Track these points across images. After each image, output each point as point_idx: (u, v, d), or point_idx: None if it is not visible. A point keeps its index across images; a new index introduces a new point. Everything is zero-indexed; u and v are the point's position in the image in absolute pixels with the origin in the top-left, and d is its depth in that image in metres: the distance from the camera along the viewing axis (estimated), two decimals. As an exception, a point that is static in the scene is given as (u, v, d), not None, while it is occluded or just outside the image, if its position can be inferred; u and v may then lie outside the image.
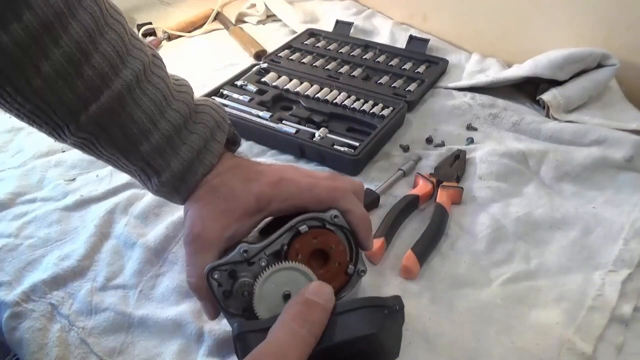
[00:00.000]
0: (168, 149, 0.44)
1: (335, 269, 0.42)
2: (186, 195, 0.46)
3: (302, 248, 0.42)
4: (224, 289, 0.41)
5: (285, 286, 0.40)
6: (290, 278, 0.40)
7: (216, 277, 0.41)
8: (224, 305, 0.41)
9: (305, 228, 0.42)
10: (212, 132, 0.46)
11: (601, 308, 0.50)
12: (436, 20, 0.99)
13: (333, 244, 0.42)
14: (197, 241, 0.43)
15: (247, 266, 0.41)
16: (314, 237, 0.42)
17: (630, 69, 0.78)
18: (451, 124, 0.77)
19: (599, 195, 0.64)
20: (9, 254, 0.57)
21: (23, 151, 0.73)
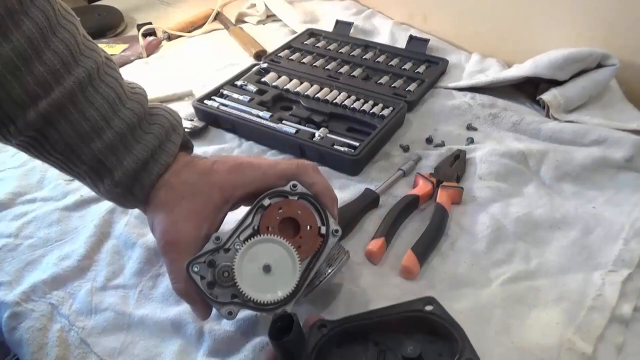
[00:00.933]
0: (121, 147, 0.44)
1: (308, 233, 0.43)
2: (142, 196, 0.46)
3: (270, 221, 0.43)
4: (207, 281, 0.42)
5: (262, 259, 0.41)
6: (265, 250, 0.41)
7: (196, 270, 0.41)
8: (211, 296, 0.41)
9: (268, 201, 0.43)
10: (167, 133, 0.46)
11: (601, 308, 0.50)
12: (436, 20, 0.99)
13: (299, 210, 0.44)
14: (174, 247, 0.43)
15: (224, 253, 0.42)
16: (279, 208, 0.43)
17: (630, 69, 0.78)
18: (451, 124, 0.77)
19: (599, 195, 0.64)
20: (9, 254, 0.57)
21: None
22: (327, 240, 0.44)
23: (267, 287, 0.41)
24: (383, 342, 0.39)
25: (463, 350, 0.35)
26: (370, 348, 0.38)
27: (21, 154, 0.72)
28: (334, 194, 0.47)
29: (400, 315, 0.39)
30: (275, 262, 0.41)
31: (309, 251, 0.43)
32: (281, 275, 0.41)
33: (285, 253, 0.42)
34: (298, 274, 0.41)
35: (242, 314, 0.50)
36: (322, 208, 0.45)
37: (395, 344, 0.38)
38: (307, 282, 0.43)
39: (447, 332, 0.37)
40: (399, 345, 0.37)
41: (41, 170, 0.70)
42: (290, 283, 0.41)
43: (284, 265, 0.42)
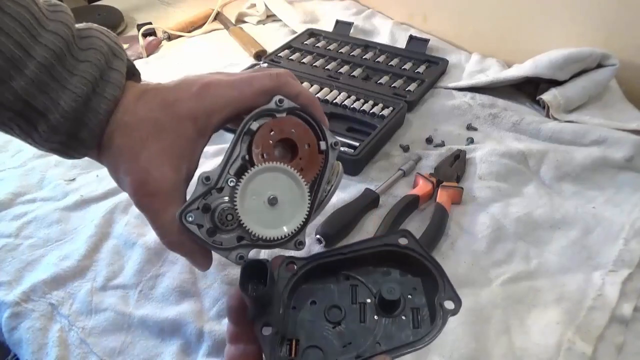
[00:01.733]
0: (51, 81, 0.36)
1: (307, 152, 0.39)
2: (92, 143, 0.38)
3: (264, 147, 0.37)
4: (206, 228, 0.37)
5: (266, 192, 0.37)
6: (267, 181, 0.37)
7: (191, 219, 0.36)
8: (215, 244, 0.37)
9: (256, 124, 0.38)
10: (107, 60, 0.38)
11: (601, 308, 0.50)
12: (436, 20, 0.99)
13: (293, 128, 0.38)
14: (154, 199, 0.37)
15: (217, 193, 0.37)
16: (270, 131, 0.38)
17: (630, 69, 0.78)
18: (451, 124, 0.77)
19: (599, 195, 0.64)
20: (9, 254, 0.57)
21: (23, 151, 0.73)
22: (328, 156, 0.39)
23: (276, 221, 0.37)
24: (354, 277, 0.36)
25: (446, 290, 0.34)
26: (341, 282, 0.36)
27: (21, 154, 0.72)
28: (318, 100, 0.42)
29: (373, 250, 0.37)
30: (281, 192, 0.36)
31: (312, 172, 0.39)
32: (289, 205, 0.37)
33: (290, 180, 0.37)
34: (307, 200, 0.37)
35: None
36: (316, 120, 0.40)
37: (367, 279, 0.36)
38: (315, 206, 0.39)
39: (423, 267, 0.36)
40: (372, 281, 0.36)
41: (41, 170, 0.70)
42: (301, 211, 0.37)
43: (290, 193, 0.37)
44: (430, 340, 0.33)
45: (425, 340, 0.33)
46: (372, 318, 0.34)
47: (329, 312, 0.34)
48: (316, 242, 0.57)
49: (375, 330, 0.33)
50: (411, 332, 0.33)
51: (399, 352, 0.32)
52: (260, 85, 0.39)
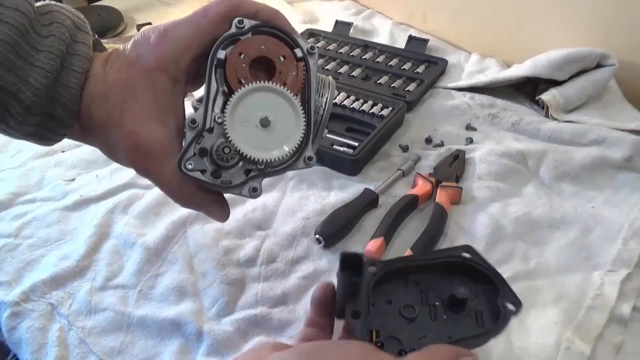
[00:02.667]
0: (17, 60, 0.35)
1: (285, 64, 0.37)
2: (69, 120, 0.37)
3: (238, 72, 0.36)
4: (210, 171, 0.36)
5: (256, 114, 0.36)
6: (253, 105, 0.36)
7: (190, 167, 0.36)
8: (225, 184, 0.36)
9: (223, 53, 0.37)
10: (71, 33, 0.37)
11: (600, 308, 0.50)
12: (435, 20, 0.99)
13: (262, 45, 0.37)
14: (151, 160, 0.36)
15: (209, 134, 0.36)
16: (239, 54, 0.37)
17: (630, 69, 0.78)
18: (450, 124, 0.77)
19: (598, 195, 0.64)
20: (9, 254, 0.58)
21: (23, 151, 0.73)
22: (308, 62, 0.38)
23: (275, 142, 0.36)
24: (423, 283, 0.41)
25: (505, 293, 0.39)
26: (411, 287, 0.40)
27: (21, 154, 0.72)
28: (281, 12, 0.40)
29: (440, 260, 0.41)
30: (271, 111, 0.36)
31: (297, 83, 0.37)
32: (284, 122, 0.36)
33: (276, 96, 0.36)
34: (301, 112, 0.37)
35: (241, 313, 0.50)
36: (284, 31, 0.38)
37: (435, 285, 0.40)
38: (313, 116, 0.38)
39: (485, 277, 0.40)
40: (439, 286, 0.40)
41: (41, 170, 0.70)
42: (298, 125, 0.36)
43: (281, 110, 0.36)
44: (494, 334, 0.37)
45: (489, 335, 0.37)
46: (442, 317, 0.39)
47: (404, 310, 0.39)
48: (315, 241, 0.57)
49: (445, 326, 0.38)
50: (475, 328, 0.38)
51: (467, 343, 0.37)
52: (215, 12, 0.37)
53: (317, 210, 0.61)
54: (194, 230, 0.59)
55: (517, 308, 0.38)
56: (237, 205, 0.62)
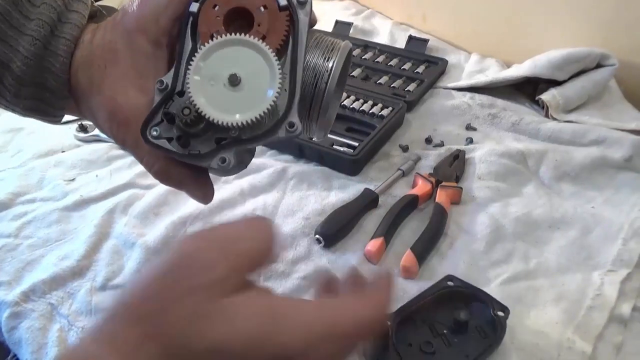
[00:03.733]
0: (9, 29, 0.34)
1: (266, 16, 0.32)
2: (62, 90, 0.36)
3: (210, 25, 0.32)
4: (176, 136, 0.32)
5: (224, 72, 0.31)
6: (222, 61, 0.31)
7: (155, 133, 0.32)
8: (193, 154, 0.32)
9: (196, 5, 0.33)
10: (65, 2, 0.36)
11: (600, 307, 0.50)
12: (435, 20, 0.99)
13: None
14: (127, 128, 0.34)
15: (179, 98, 0.32)
16: (214, 6, 0.32)
17: (630, 68, 0.78)
18: (450, 124, 0.77)
19: (598, 195, 0.64)
20: (9, 254, 0.57)
21: (23, 151, 0.73)
22: (296, 13, 0.32)
23: (247, 103, 0.31)
24: (427, 319, 0.47)
25: (494, 305, 0.47)
26: (420, 325, 0.47)
27: (21, 154, 0.72)
28: None
29: (432, 295, 0.48)
30: (242, 68, 0.31)
31: (278, 36, 0.32)
32: (257, 81, 0.31)
33: (250, 50, 0.31)
34: (277, 67, 0.31)
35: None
36: None
37: (437, 317, 0.47)
38: (299, 79, 0.33)
39: (473, 297, 0.48)
40: (441, 317, 0.47)
41: (41, 170, 0.70)
42: (274, 84, 0.31)
43: (255, 67, 0.31)
44: (499, 342, 0.45)
45: (496, 344, 0.45)
46: (454, 341, 0.46)
47: (424, 347, 0.45)
48: (315, 241, 0.57)
49: (459, 348, 0.45)
50: (482, 341, 0.46)
51: (483, 357, 0.44)
52: None
53: (317, 210, 0.61)
54: (194, 230, 0.59)
55: (505, 313, 0.46)
56: (237, 205, 0.62)
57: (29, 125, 0.78)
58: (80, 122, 0.76)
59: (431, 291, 0.49)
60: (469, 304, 0.48)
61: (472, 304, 0.48)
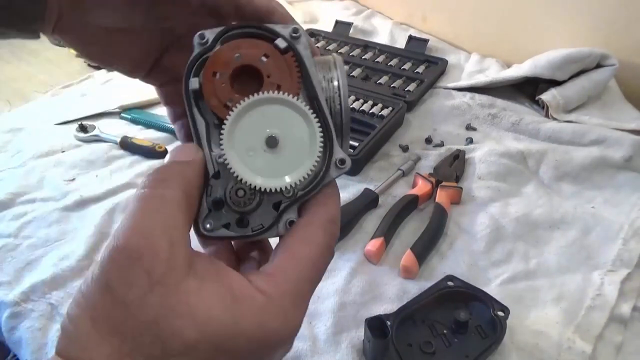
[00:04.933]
0: None
1: (271, 63, 0.30)
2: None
3: (220, 95, 0.29)
4: (235, 220, 0.29)
5: (258, 138, 0.29)
6: (253, 126, 0.29)
7: (210, 226, 0.29)
8: (257, 231, 0.30)
9: (195, 80, 0.29)
10: None
11: (600, 307, 0.50)
12: (435, 20, 0.99)
13: (235, 52, 0.30)
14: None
15: (216, 180, 0.29)
16: (213, 74, 0.29)
17: (630, 69, 0.78)
18: (450, 124, 0.77)
19: (598, 195, 0.64)
20: (9, 254, 0.57)
21: (23, 151, 0.73)
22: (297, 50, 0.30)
23: (294, 159, 0.29)
24: (428, 319, 0.48)
25: (494, 305, 0.47)
26: (420, 325, 0.47)
27: (21, 154, 0.72)
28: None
29: (433, 295, 0.49)
30: (276, 125, 0.29)
31: (293, 81, 0.30)
32: (296, 133, 0.29)
33: (274, 106, 0.29)
34: (310, 112, 0.29)
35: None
36: (254, 25, 0.31)
37: (437, 317, 0.48)
38: (328, 111, 0.31)
39: (473, 297, 0.49)
40: (441, 317, 0.48)
41: (41, 170, 0.70)
42: (313, 129, 0.29)
43: (287, 120, 0.29)
44: (499, 341, 0.45)
45: (496, 343, 0.45)
46: (454, 341, 0.46)
47: (424, 347, 0.46)
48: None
49: (459, 348, 0.46)
50: (482, 341, 0.46)
51: (483, 356, 0.45)
52: None
53: (317, 210, 0.61)
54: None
55: (505, 313, 0.47)
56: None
57: (29, 125, 0.78)
58: (81, 123, 0.76)
59: (431, 291, 0.49)
60: (469, 304, 0.49)
61: (472, 304, 0.49)
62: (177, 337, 0.23)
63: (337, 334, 0.48)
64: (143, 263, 0.24)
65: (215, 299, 0.25)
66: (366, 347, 0.46)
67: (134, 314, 0.24)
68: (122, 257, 0.24)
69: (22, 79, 0.99)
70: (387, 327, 0.45)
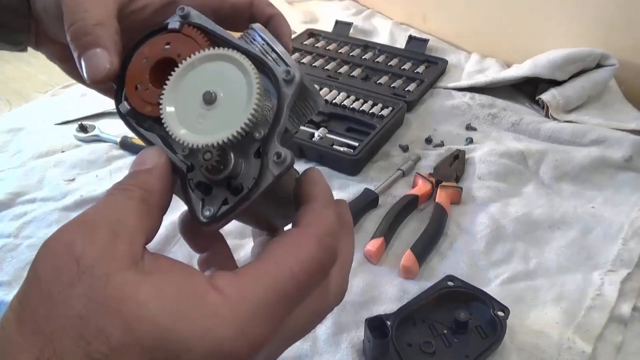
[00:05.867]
0: None
1: (177, 45, 0.29)
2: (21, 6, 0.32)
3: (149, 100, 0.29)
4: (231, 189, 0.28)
5: (199, 92, 0.27)
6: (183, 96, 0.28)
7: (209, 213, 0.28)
8: (256, 185, 0.27)
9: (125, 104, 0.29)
10: None
11: (600, 307, 0.50)
12: (436, 20, 0.99)
13: (142, 59, 0.29)
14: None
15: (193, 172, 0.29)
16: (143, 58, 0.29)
17: (630, 69, 0.78)
18: (450, 124, 0.77)
19: (598, 195, 0.64)
20: (9, 253, 0.57)
21: (23, 151, 0.73)
22: (188, 21, 0.29)
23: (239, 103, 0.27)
24: (427, 319, 0.48)
25: (494, 305, 0.47)
26: (420, 325, 0.48)
27: (21, 154, 0.72)
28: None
29: (433, 295, 0.49)
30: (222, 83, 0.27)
31: (202, 46, 0.29)
32: (226, 81, 0.28)
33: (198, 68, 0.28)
34: (226, 50, 0.28)
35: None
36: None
37: (437, 317, 0.48)
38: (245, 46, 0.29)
39: (473, 297, 0.49)
40: (441, 317, 0.48)
41: (41, 170, 0.70)
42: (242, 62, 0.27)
43: (212, 75, 0.28)
44: (499, 341, 0.46)
45: (496, 343, 0.45)
46: (454, 341, 0.46)
47: (423, 347, 0.46)
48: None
49: (459, 348, 0.46)
50: (482, 341, 0.46)
51: (483, 356, 0.45)
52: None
53: (317, 210, 0.61)
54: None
55: (505, 313, 0.47)
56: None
57: (29, 125, 0.78)
58: (80, 122, 0.76)
59: (431, 291, 0.49)
60: (469, 304, 0.49)
61: (472, 304, 0.49)
62: (101, 338, 0.20)
63: (337, 334, 0.48)
64: (74, 249, 0.21)
65: (154, 295, 0.21)
66: (366, 347, 0.46)
67: (58, 307, 0.20)
68: (55, 244, 0.22)
69: (22, 79, 0.99)
70: (387, 327, 0.45)
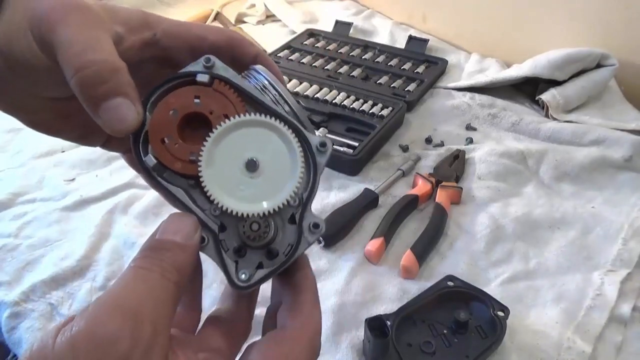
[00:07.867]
0: None
1: (208, 100, 0.29)
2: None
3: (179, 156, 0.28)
4: (266, 254, 0.29)
5: (239, 161, 0.28)
6: (223, 164, 0.28)
7: (245, 276, 0.29)
8: (291, 254, 0.29)
9: (151, 158, 0.28)
10: None
11: (600, 307, 0.50)
12: (436, 20, 0.99)
13: (169, 111, 0.28)
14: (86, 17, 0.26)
15: (224, 232, 0.29)
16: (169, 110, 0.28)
17: (630, 69, 0.78)
18: (450, 124, 0.77)
19: (598, 195, 0.64)
20: (9, 253, 0.57)
21: (23, 151, 0.73)
22: (217, 75, 0.29)
23: (281, 174, 0.28)
24: (427, 319, 0.48)
25: (494, 305, 0.47)
26: (420, 326, 0.48)
27: (21, 154, 0.72)
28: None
29: (432, 295, 0.49)
30: (246, 153, 0.28)
31: (234, 105, 0.29)
32: (267, 148, 0.28)
33: (239, 131, 0.28)
34: (272, 119, 0.28)
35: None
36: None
37: (437, 317, 0.48)
38: (280, 110, 0.29)
39: (473, 297, 0.49)
40: (441, 317, 0.48)
41: (41, 170, 0.70)
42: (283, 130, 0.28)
43: (253, 140, 0.28)
44: (499, 342, 0.46)
45: (496, 344, 0.46)
46: (454, 341, 0.46)
47: (423, 346, 0.46)
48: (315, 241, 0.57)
49: (459, 348, 0.46)
50: (482, 341, 0.46)
51: (483, 357, 0.45)
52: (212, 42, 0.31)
53: (317, 210, 0.61)
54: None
55: (505, 313, 0.47)
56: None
57: (29, 125, 0.78)
58: (80, 122, 0.76)
59: (431, 291, 0.49)
60: (469, 304, 0.49)
61: (472, 304, 0.49)
62: None
63: (337, 334, 0.48)
64: (119, 348, 0.21)
65: None
66: (366, 347, 0.46)
67: None
68: (101, 336, 0.22)
69: (22, 79, 0.99)
70: (387, 327, 0.45)
